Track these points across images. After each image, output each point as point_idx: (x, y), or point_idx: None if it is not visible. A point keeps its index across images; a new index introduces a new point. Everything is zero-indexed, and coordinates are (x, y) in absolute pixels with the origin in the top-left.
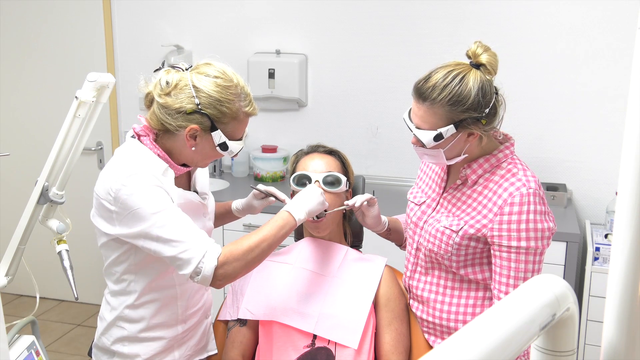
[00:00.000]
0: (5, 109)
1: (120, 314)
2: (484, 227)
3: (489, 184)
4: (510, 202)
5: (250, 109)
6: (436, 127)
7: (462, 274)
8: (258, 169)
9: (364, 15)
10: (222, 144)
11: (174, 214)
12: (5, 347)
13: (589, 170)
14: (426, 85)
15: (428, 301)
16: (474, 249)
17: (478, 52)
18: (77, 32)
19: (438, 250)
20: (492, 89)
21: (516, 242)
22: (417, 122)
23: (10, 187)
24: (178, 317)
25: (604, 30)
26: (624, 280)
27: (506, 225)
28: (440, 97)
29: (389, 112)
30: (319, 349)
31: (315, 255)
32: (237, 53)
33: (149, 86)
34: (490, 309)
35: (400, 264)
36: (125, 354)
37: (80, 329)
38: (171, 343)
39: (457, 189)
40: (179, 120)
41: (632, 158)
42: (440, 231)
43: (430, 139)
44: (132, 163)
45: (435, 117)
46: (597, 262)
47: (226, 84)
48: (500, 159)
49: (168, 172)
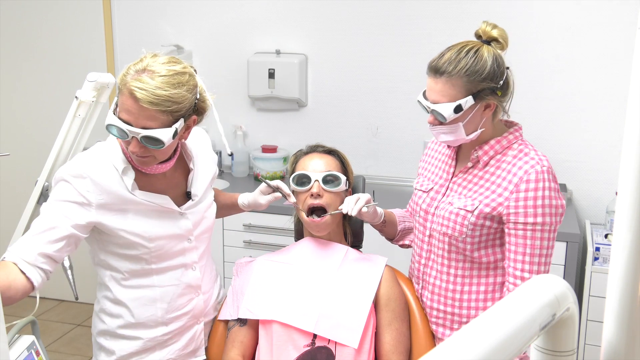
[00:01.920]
0: (5, 109)
1: (102, 306)
2: (499, 205)
3: (501, 164)
4: (526, 179)
5: (133, 83)
6: (455, 99)
7: (476, 257)
8: (258, 169)
9: (364, 15)
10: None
11: (48, 220)
12: (5, 347)
13: (589, 170)
14: (441, 60)
15: (441, 289)
16: (488, 229)
17: (488, 29)
18: (77, 32)
19: (452, 233)
20: (504, 61)
21: (532, 219)
22: (434, 98)
23: (10, 187)
24: (158, 318)
25: (604, 30)
26: (624, 280)
27: (522, 202)
28: (458, 69)
29: (389, 112)
30: (319, 349)
31: (315, 254)
32: (237, 53)
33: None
34: (490, 309)
35: (400, 264)
36: (106, 347)
37: (80, 329)
38: (150, 344)
39: (467, 172)
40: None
41: (632, 158)
42: (454, 213)
43: (451, 111)
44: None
45: (454, 89)
46: (597, 262)
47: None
48: (510, 140)
49: (128, 172)
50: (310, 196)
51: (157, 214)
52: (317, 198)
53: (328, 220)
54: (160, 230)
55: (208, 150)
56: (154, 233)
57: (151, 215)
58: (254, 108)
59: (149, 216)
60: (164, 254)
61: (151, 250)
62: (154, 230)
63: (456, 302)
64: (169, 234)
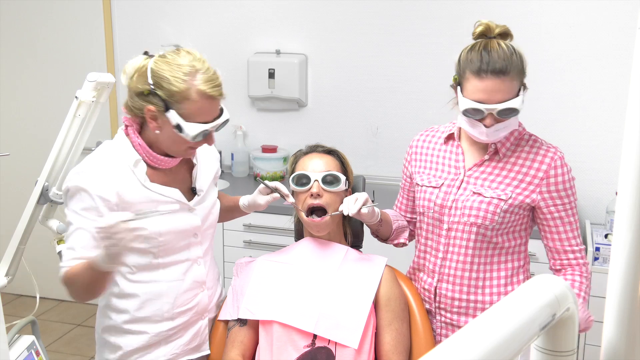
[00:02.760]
0: (5, 109)
1: (108, 302)
2: (532, 192)
3: (521, 154)
4: (554, 165)
5: (206, 87)
6: (517, 91)
7: (500, 241)
8: (258, 169)
9: (364, 15)
10: (178, 126)
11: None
12: (5, 347)
13: (589, 170)
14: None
15: (463, 279)
16: (516, 216)
17: (492, 27)
18: (77, 32)
19: (483, 222)
20: None
21: (567, 199)
22: (501, 97)
23: (10, 187)
24: (164, 313)
25: (604, 30)
26: (624, 280)
27: (559, 186)
28: (514, 65)
29: (389, 112)
30: (319, 349)
31: (315, 254)
32: (237, 53)
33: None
34: (490, 309)
35: (400, 264)
36: (111, 343)
37: (80, 329)
38: (156, 339)
39: (482, 164)
40: (137, 102)
41: (632, 158)
42: (485, 202)
43: (520, 102)
44: (101, 159)
45: (515, 84)
46: (597, 262)
47: (179, 63)
48: (521, 132)
49: (139, 164)
50: (310, 196)
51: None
52: (316, 198)
53: (328, 221)
54: (171, 225)
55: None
56: (165, 227)
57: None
58: (254, 108)
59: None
60: (171, 248)
61: (160, 244)
62: (165, 225)
63: (479, 289)
64: (179, 228)
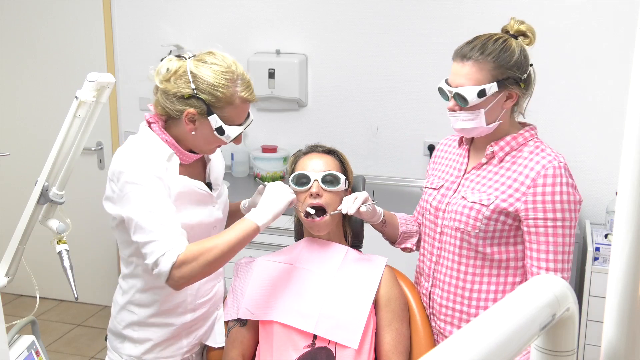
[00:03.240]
0: (5, 109)
1: (131, 298)
2: (517, 200)
3: (517, 160)
4: (544, 174)
5: (247, 95)
6: (480, 83)
7: (489, 253)
8: (258, 169)
9: (364, 15)
10: (219, 128)
11: (158, 206)
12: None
13: (589, 170)
14: (470, 46)
15: (451, 286)
16: (503, 225)
17: (515, 25)
18: (77, 32)
19: (465, 227)
20: (529, 56)
21: (552, 214)
22: (459, 82)
23: (10, 187)
24: (187, 305)
25: (604, 30)
26: (624, 280)
27: (540, 197)
28: (486, 53)
29: (389, 112)
30: (319, 349)
31: (315, 255)
32: (237, 53)
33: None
34: (490, 309)
35: (400, 264)
36: (135, 338)
37: (80, 329)
38: (179, 330)
39: (480, 168)
40: (177, 104)
41: (632, 158)
42: (468, 207)
43: (474, 95)
44: (138, 149)
45: (481, 73)
46: (597, 262)
47: (222, 69)
48: (526, 138)
49: (173, 159)
50: (310, 196)
51: (198, 202)
52: (316, 198)
53: (328, 220)
54: (200, 217)
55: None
56: (195, 220)
57: (195, 204)
58: (254, 108)
59: (193, 204)
60: (195, 238)
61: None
62: (196, 217)
63: (465, 299)
64: (205, 221)
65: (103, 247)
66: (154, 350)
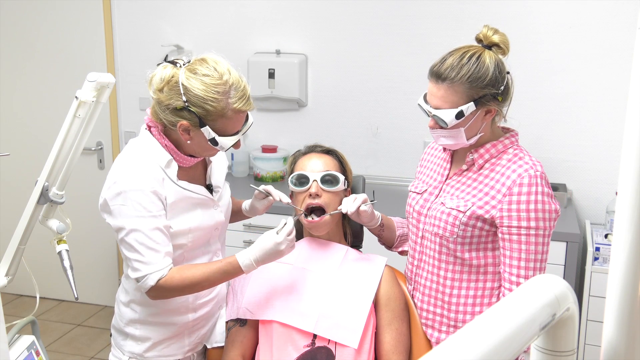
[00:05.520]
0: (5, 109)
1: (133, 297)
2: (492, 208)
3: (495, 167)
4: (519, 182)
5: (240, 105)
6: (457, 105)
7: (467, 258)
8: (258, 169)
9: (364, 15)
10: (212, 139)
11: (146, 224)
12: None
13: (589, 170)
14: (443, 66)
15: (431, 290)
16: (480, 231)
17: (489, 34)
18: (77, 32)
19: (443, 233)
20: (505, 66)
21: (526, 223)
22: (436, 104)
23: (10, 187)
24: (189, 305)
25: (604, 30)
26: (624, 280)
27: (515, 206)
28: (460, 75)
29: (389, 112)
30: (319, 349)
31: (315, 254)
32: (237, 53)
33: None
34: (490, 309)
35: (400, 264)
36: (136, 336)
37: (80, 329)
38: (181, 330)
39: (461, 174)
40: (170, 116)
41: (632, 158)
42: (445, 213)
43: (452, 117)
44: (135, 159)
45: (456, 95)
46: (597, 262)
47: (213, 82)
48: (506, 145)
49: (172, 164)
50: (309, 196)
51: (197, 206)
52: (315, 198)
53: (327, 220)
54: (200, 221)
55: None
56: (195, 224)
57: (194, 208)
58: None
59: (192, 208)
60: (197, 243)
61: (189, 240)
62: (195, 221)
63: (445, 304)
64: (206, 224)
65: (103, 247)
66: (155, 348)
